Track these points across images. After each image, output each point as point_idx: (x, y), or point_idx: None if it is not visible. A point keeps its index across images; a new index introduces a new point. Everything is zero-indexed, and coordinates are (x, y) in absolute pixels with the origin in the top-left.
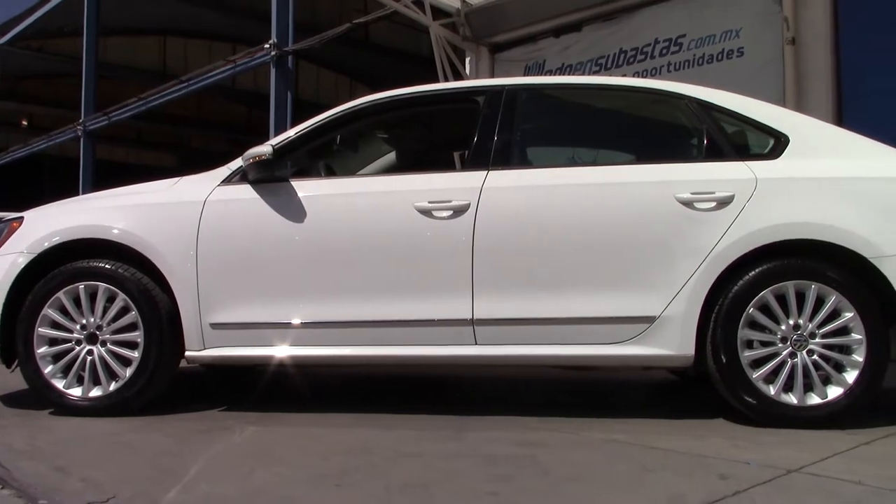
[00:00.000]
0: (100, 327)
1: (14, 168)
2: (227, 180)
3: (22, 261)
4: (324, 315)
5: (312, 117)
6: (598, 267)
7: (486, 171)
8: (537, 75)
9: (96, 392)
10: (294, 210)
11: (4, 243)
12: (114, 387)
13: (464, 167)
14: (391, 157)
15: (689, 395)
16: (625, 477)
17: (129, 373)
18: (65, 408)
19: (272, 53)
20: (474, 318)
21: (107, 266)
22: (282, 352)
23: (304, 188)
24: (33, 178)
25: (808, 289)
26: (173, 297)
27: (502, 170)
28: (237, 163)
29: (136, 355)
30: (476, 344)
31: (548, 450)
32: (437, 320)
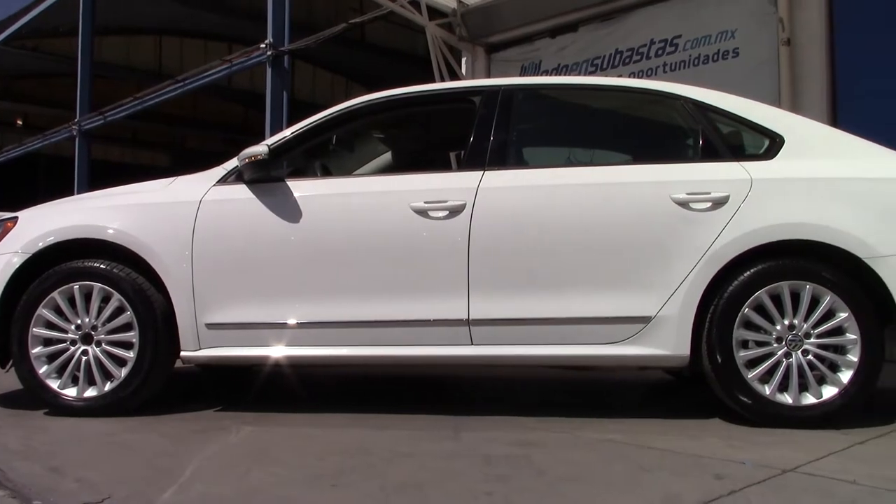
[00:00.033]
0: (95, 327)
1: (9, 168)
2: (223, 180)
3: (16, 261)
4: (320, 315)
5: (308, 117)
6: (594, 267)
7: (482, 172)
8: (533, 76)
9: (91, 392)
10: (290, 210)
11: None
12: (109, 387)
13: (460, 167)
14: (387, 157)
15: (684, 395)
16: (621, 477)
17: (124, 373)
18: (59, 408)
19: (268, 53)
20: (470, 318)
21: (102, 266)
22: (278, 352)
23: (300, 188)
24: (28, 178)
25: (804, 289)
26: (168, 297)
27: (498, 170)
28: (233, 163)
29: (131, 355)
30: (472, 344)
31: (544, 450)
32: (433, 320)
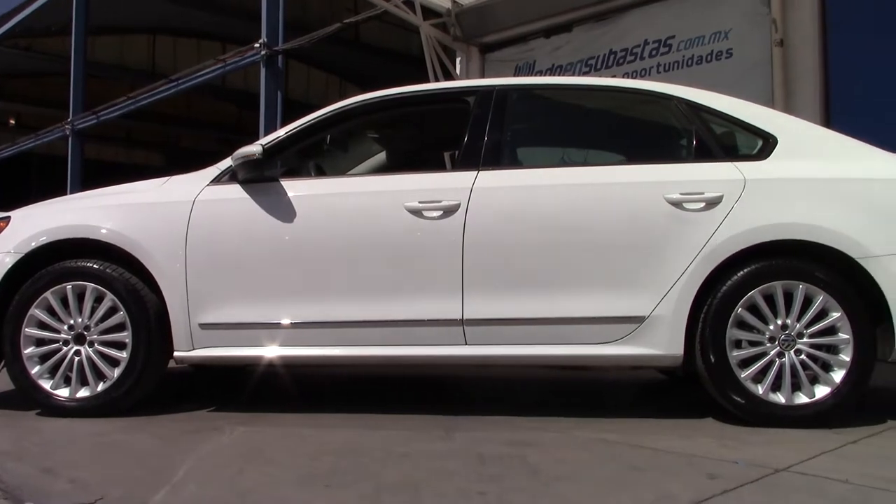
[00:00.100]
0: (87, 328)
1: (1, 167)
2: (217, 180)
3: (9, 260)
4: (313, 315)
5: (302, 117)
6: (587, 267)
7: (476, 172)
8: (528, 76)
9: (84, 393)
10: (283, 210)
11: None
12: (101, 387)
13: (454, 167)
14: (381, 157)
15: (677, 395)
16: (614, 476)
17: (117, 373)
18: (52, 408)
19: (262, 53)
20: (464, 318)
21: (95, 266)
22: (271, 352)
23: (294, 188)
24: (21, 178)
25: (796, 289)
26: (162, 297)
27: (492, 170)
28: (226, 162)
29: (124, 356)
30: (466, 344)
31: (538, 449)
32: (427, 320)
